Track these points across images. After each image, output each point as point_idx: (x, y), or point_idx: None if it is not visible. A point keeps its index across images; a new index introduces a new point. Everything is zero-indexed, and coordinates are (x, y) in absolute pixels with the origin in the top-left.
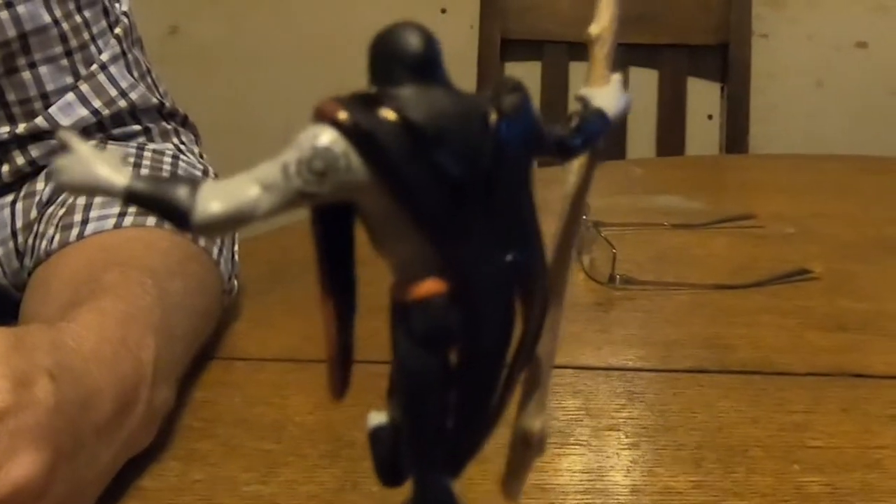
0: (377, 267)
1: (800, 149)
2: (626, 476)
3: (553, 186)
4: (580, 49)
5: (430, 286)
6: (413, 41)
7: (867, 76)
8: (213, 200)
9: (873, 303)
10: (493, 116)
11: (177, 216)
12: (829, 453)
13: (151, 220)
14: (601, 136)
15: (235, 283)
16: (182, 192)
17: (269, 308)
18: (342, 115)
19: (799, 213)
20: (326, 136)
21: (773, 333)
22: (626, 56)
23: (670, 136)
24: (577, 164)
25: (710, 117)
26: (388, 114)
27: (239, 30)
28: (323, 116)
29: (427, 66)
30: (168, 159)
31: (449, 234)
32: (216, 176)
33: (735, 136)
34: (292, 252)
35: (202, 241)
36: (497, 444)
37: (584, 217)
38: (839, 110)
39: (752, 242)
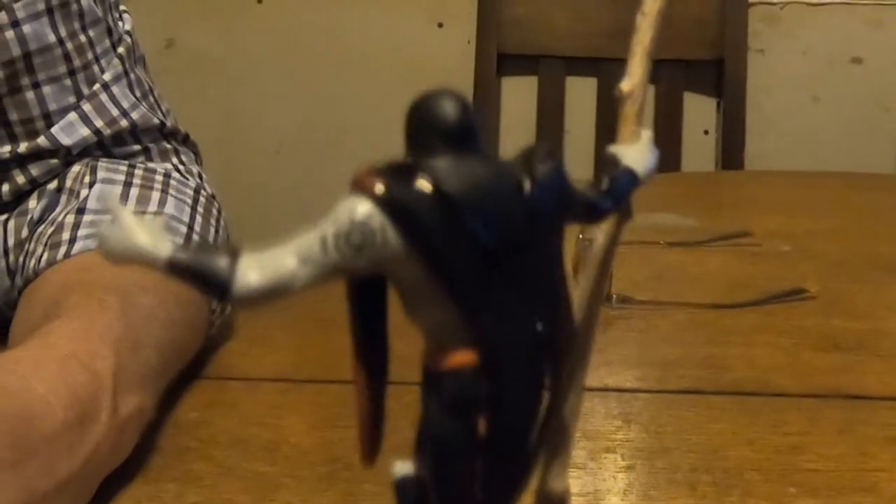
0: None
1: (796, 164)
2: (622, 500)
3: None
4: (576, 64)
5: (461, 357)
6: (449, 111)
7: (863, 91)
8: (251, 272)
9: (869, 322)
10: (527, 185)
11: (217, 287)
12: (825, 476)
13: None
14: (630, 196)
15: None
16: (222, 262)
17: (264, 327)
18: (379, 189)
19: (795, 231)
20: (363, 210)
21: (768, 353)
22: (622, 71)
23: (666, 151)
24: (605, 223)
25: (706, 132)
26: (424, 186)
27: (235, 43)
28: (360, 188)
29: (463, 135)
30: (159, 177)
31: (480, 305)
32: (212, 195)
33: (731, 151)
34: None
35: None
36: None
37: (580, 236)
38: (835, 125)
39: (748, 260)
